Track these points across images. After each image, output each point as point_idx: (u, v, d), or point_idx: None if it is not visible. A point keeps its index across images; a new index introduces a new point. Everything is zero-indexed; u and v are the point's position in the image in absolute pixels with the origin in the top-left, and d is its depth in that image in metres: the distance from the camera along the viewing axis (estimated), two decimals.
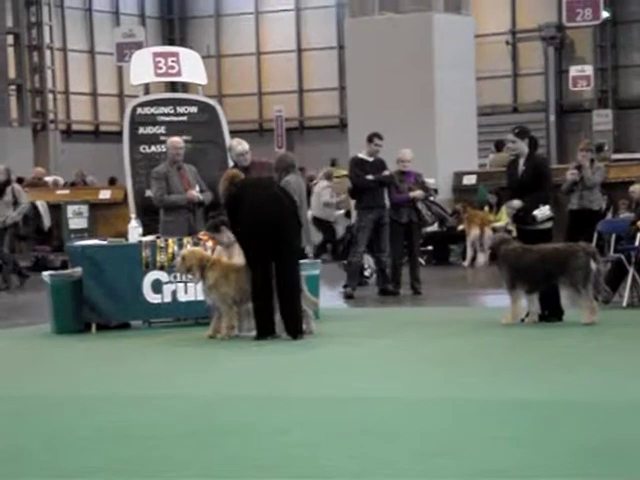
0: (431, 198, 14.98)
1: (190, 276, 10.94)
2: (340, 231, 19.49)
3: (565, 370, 8.51)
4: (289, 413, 7.19)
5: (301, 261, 11.48)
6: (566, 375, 8.27)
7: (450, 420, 6.78)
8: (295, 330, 10.42)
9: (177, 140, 12.50)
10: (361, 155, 14.83)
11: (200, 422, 6.98)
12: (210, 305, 10.84)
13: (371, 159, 14.66)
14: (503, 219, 17.45)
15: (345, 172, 17.95)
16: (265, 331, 10.43)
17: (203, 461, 5.93)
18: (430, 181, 15.32)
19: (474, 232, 18.75)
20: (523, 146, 11.43)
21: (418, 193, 14.71)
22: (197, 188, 12.43)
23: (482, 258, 18.64)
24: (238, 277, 10.58)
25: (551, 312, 11.20)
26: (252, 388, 8.17)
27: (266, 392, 7.97)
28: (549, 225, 11.43)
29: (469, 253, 18.95)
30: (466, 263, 18.93)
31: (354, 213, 16.00)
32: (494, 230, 11.62)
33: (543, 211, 11.26)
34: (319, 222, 19.69)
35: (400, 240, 14.79)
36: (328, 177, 20.15)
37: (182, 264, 10.79)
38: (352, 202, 16.01)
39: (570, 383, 7.95)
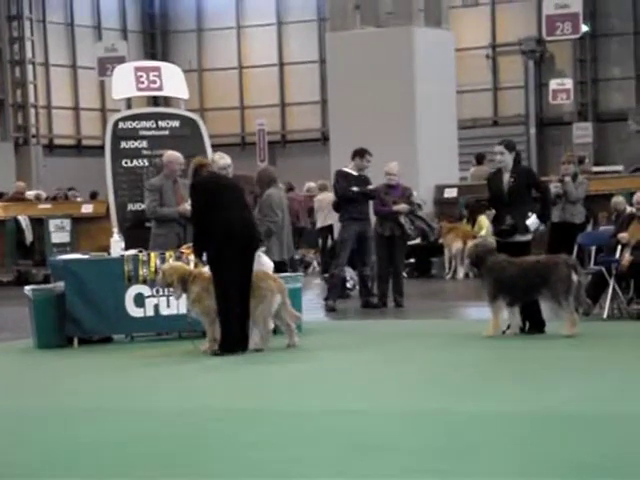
0: (418, 212, 15.02)
1: (172, 290, 10.95)
2: None
3: (547, 382, 8.55)
4: (272, 427, 7.20)
5: (282, 274, 11.53)
6: (548, 388, 8.31)
7: (434, 434, 6.80)
8: (243, 344, 10.46)
9: (177, 155, 12.51)
10: (347, 169, 14.90)
11: (177, 437, 6.98)
12: (193, 319, 10.85)
13: (356, 174, 14.73)
14: (484, 228, 17.55)
15: None
16: (232, 346, 10.40)
17: (177, 477, 5.94)
18: (415, 194, 15.37)
19: (456, 245, 18.87)
20: (510, 159, 11.53)
21: (401, 207, 14.76)
22: (189, 202, 12.45)
23: (462, 271, 18.76)
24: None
25: (532, 324, 11.26)
26: (232, 401, 8.19)
27: (245, 405, 7.98)
28: (529, 237, 11.51)
29: (451, 266, 19.10)
30: (448, 276, 19.07)
31: (337, 226, 16.04)
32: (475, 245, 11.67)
33: (533, 220, 11.37)
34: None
35: (384, 253, 14.84)
36: (324, 188, 20.11)
37: (163, 279, 10.81)
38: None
39: (552, 396, 7.97)
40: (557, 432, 6.73)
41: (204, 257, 10.68)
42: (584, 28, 28.48)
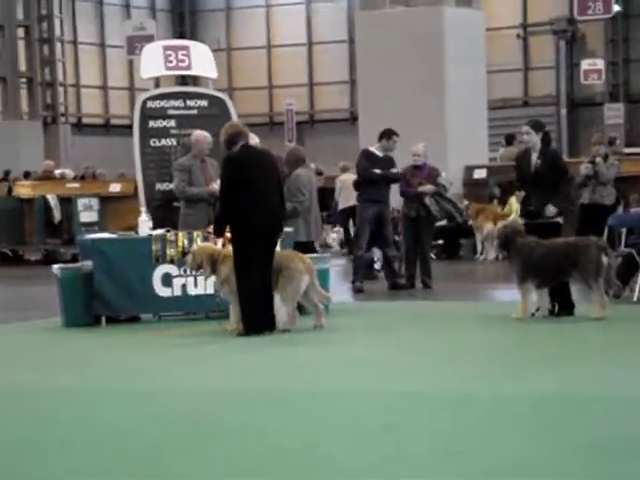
0: (444, 194, 14.92)
1: (201, 272, 10.93)
2: None
3: (575, 365, 8.48)
4: (303, 409, 7.17)
5: (310, 255, 11.47)
6: (577, 370, 8.24)
7: (460, 416, 6.76)
8: (269, 324, 10.41)
9: (206, 134, 12.44)
10: (372, 149, 14.81)
11: (206, 418, 6.97)
12: (221, 299, 10.83)
13: (381, 155, 14.64)
14: (513, 210, 17.43)
15: None
16: (256, 327, 10.35)
17: (207, 458, 5.92)
18: (443, 175, 15.26)
19: (487, 227, 18.72)
20: (536, 139, 11.40)
21: (427, 188, 14.68)
22: (218, 182, 12.41)
23: (492, 253, 18.64)
24: None
25: (562, 307, 11.17)
26: (260, 383, 8.16)
27: (274, 387, 7.95)
28: (559, 219, 11.39)
29: (483, 247, 18.99)
30: (481, 257, 18.93)
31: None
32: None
33: (550, 208, 11.24)
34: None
35: (411, 234, 14.79)
36: (346, 169, 20.12)
37: (193, 261, 10.78)
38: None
39: (581, 378, 7.92)
40: (583, 415, 6.67)
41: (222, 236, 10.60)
42: (616, 8, 28.27)
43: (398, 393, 7.53)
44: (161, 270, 11.63)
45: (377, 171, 14.48)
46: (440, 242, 19.51)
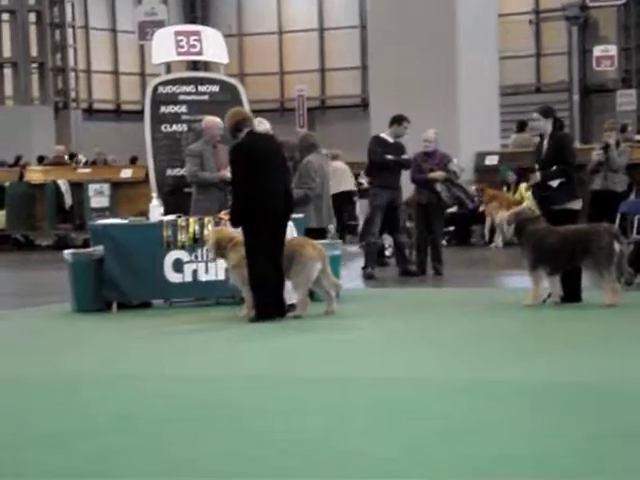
0: (455, 180, 14.88)
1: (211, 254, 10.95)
2: None
3: (588, 353, 8.46)
4: (298, 395, 7.17)
5: (321, 241, 11.46)
6: (589, 358, 8.22)
7: (470, 403, 6.74)
8: (279, 310, 10.42)
9: (217, 120, 12.43)
10: (383, 135, 14.79)
11: (218, 403, 6.97)
12: (233, 285, 10.83)
13: (392, 141, 14.61)
14: (524, 197, 17.36)
15: None
16: (268, 313, 10.35)
17: (219, 440, 5.92)
18: (454, 161, 15.21)
19: (502, 213, 18.55)
20: (547, 125, 11.35)
21: (437, 174, 14.64)
22: (229, 169, 12.39)
23: (500, 239, 18.55)
24: None
25: (570, 293, 11.12)
26: (271, 369, 8.16)
27: (283, 373, 7.95)
28: (578, 206, 11.33)
29: (491, 234, 18.90)
30: (497, 244, 18.82)
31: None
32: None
33: (556, 182, 11.20)
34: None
35: (422, 221, 14.77)
36: (336, 157, 20.46)
37: (207, 243, 10.85)
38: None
39: (593, 366, 7.89)
40: (595, 403, 6.65)
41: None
42: None
43: (409, 379, 7.53)
44: (172, 256, 11.63)
45: (389, 157, 14.46)
46: (451, 229, 19.48)
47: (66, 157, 24.89)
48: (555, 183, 11.20)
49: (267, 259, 10.34)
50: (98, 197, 21.39)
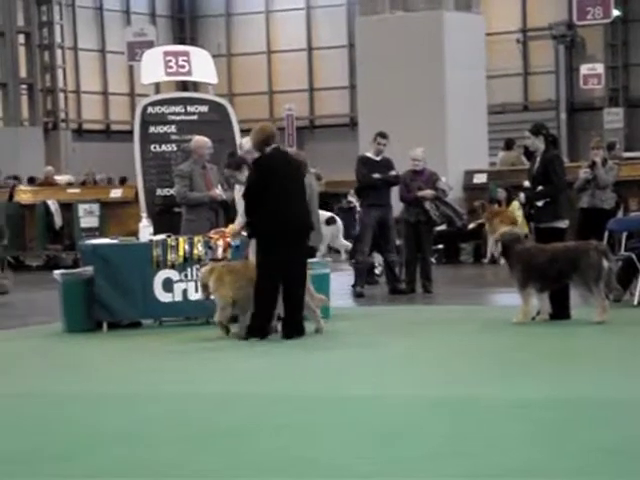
0: (444, 198, 14.94)
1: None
2: None
3: (578, 369, 8.50)
4: (292, 413, 7.19)
5: (310, 260, 11.49)
6: (579, 374, 8.26)
7: (462, 420, 6.77)
8: (298, 330, 10.40)
9: (206, 140, 12.47)
10: (368, 154, 14.88)
11: (206, 422, 6.98)
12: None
13: (378, 158, 14.70)
14: (516, 215, 17.36)
15: None
16: (261, 332, 10.36)
17: (206, 461, 5.92)
18: (442, 180, 15.29)
19: (504, 230, 18.45)
20: (537, 143, 11.42)
21: (426, 193, 14.71)
22: (219, 187, 12.44)
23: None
24: (232, 279, 10.63)
25: (559, 310, 11.16)
26: (259, 387, 8.17)
27: (273, 391, 7.96)
28: (564, 225, 11.40)
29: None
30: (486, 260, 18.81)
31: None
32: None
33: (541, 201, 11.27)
34: None
35: (411, 239, 14.82)
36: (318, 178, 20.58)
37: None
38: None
39: (583, 382, 7.93)
40: (586, 418, 6.69)
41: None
42: (615, 13, 28.28)
43: (399, 396, 7.55)
44: (162, 275, 11.65)
45: (376, 175, 14.53)
46: (440, 247, 19.53)
47: (57, 178, 24.84)
48: (540, 203, 11.28)
49: (276, 276, 10.30)
50: (88, 217, 21.40)
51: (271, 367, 9.17)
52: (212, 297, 10.75)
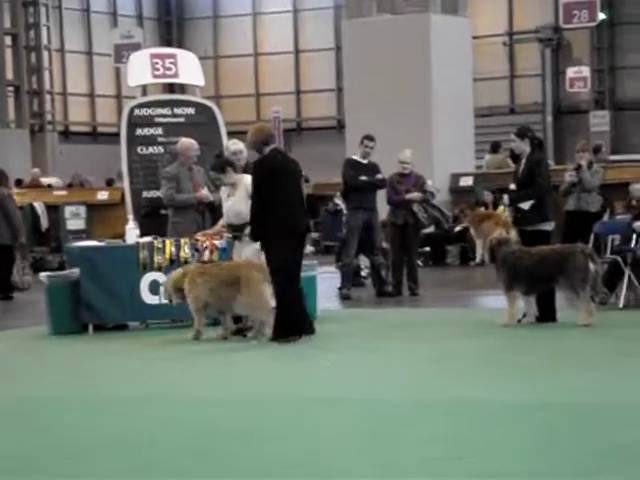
0: (431, 201, 14.97)
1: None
2: None
3: (565, 372, 8.51)
4: (287, 417, 7.19)
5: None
6: (565, 377, 8.28)
7: (453, 423, 6.77)
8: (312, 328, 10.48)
9: (193, 142, 12.46)
10: (355, 157, 14.90)
11: (197, 426, 6.98)
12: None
13: (365, 161, 14.71)
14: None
15: None
16: (289, 333, 10.29)
17: (201, 466, 5.93)
18: (429, 183, 15.32)
19: (498, 232, 18.38)
20: (523, 146, 11.45)
21: (414, 195, 14.73)
22: (206, 189, 12.42)
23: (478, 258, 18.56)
24: (205, 281, 10.66)
25: (544, 313, 11.19)
26: (247, 391, 8.17)
27: (262, 396, 7.96)
28: (549, 228, 11.44)
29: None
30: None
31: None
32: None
33: (527, 204, 11.30)
34: None
35: (398, 241, 14.84)
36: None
37: (166, 292, 10.98)
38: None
39: (570, 385, 7.95)
40: (575, 421, 6.70)
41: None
42: (601, 16, 28.35)
43: (386, 400, 7.55)
44: (148, 278, 11.64)
45: (363, 178, 14.54)
46: (427, 249, 19.54)
47: (43, 180, 24.74)
48: (526, 205, 11.30)
49: (291, 277, 10.31)
50: (74, 219, 21.35)
51: (262, 370, 9.16)
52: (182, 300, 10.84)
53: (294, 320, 10.31)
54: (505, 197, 11.55)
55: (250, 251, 10.88)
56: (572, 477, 5.46)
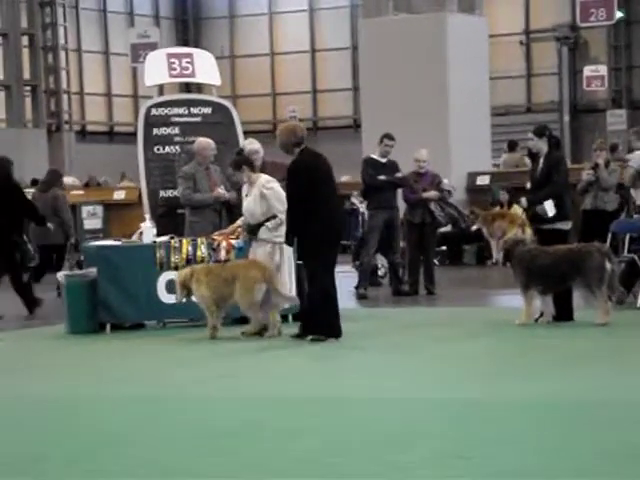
0: (448, 199, 14.96)
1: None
2: None
3: (581, 371, 8.50)
4: (302, 415, 7.20)
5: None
6: (582, 376, 8.27)
7: (466, 422, 6.78)
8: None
9: (209, 141, 12.47)
10: (374, 156, 14.87)
11: (214, 423, 6.99)
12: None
13: (384, 160, 14.68)
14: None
15: None
16: (337, 333, 10.34)
17: (215, 464, 5.94)
18: (445, 181, 15.30)
19: (514, 232, 18.34)
20: (541, 144, 11.43)
21: (431, 194, 14.72)
22: (222, 187, 12.44)
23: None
24: (209, 279, 10.73)
25: (561, 312, 11.17)
26: (264, 390, 8.18)
27: (274, 394, 7.98)
28: (567, 227, 11.41)
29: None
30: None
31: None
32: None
33: (544, 207, 11.24)
34: None
35: (415, 240, 14.82)
36: None
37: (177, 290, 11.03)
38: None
39: (586, 384, 7.94)
40: (590, 420, 6.69)
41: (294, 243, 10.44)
42: (618, 14, 28.25)
43: (403, 399, 7.56)
44: (165, 277, 11.66)
45: (382, 177, 14.52)
46: (443, 248, 19.52)
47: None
48: (551, 212, 11.22)
49: (330, 277, 10.31)
50: (91, 219, 21.42)
51: (276, 369, 9.17)
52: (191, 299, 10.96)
53: (337, 323, 10.35)
54: (523, 200, 11.50)
55: (261, 252, 10.90)
56: (589, 477, 5.45)
